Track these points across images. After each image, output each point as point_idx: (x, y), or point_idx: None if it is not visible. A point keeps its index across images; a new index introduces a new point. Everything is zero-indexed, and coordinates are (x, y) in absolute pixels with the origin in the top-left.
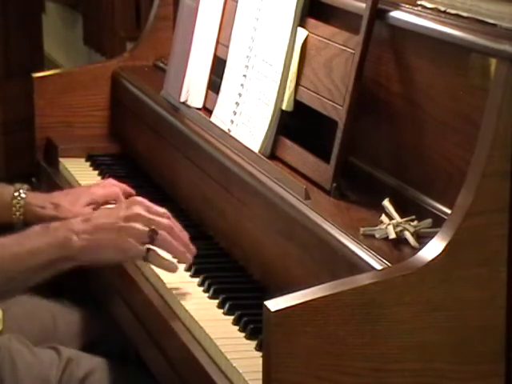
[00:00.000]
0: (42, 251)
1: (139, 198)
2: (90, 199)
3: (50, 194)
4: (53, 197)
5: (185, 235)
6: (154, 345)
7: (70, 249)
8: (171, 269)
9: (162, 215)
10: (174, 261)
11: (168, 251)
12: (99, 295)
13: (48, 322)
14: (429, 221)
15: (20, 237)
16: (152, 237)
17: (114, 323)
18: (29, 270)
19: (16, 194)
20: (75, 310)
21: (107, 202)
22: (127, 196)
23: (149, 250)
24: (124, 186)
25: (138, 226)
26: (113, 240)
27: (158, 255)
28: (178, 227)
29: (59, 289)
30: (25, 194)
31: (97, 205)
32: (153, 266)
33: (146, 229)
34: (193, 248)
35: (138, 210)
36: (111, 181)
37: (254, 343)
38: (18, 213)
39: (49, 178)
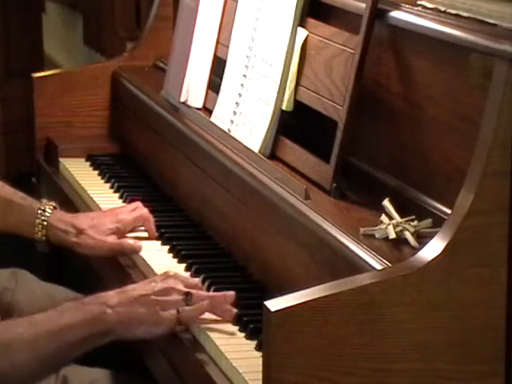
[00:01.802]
0: (77, 327)
1: (173, 272)
2: (115, 227)
3: (76, 215)
4: (78, 220)
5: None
6: (153, 346)
7: (105, 324)
8: (203, 320)
9: (195, 287)
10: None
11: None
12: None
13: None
14: (429, 221)
15: (53, 314)
16: (186, 302)
17: None
18: (64, 348)
19: (39, 212)
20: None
21: (134, 228)
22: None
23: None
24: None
25: (172, 297)
26: (148, 314)
27: (190, 313)
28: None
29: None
30: (49, 213)
31: (122, 233)
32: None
33: (180, 297)
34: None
35: (173, 282)
36: (138, 204)
37: (253, 343)
38: (40, 233)
39: (49, 178)
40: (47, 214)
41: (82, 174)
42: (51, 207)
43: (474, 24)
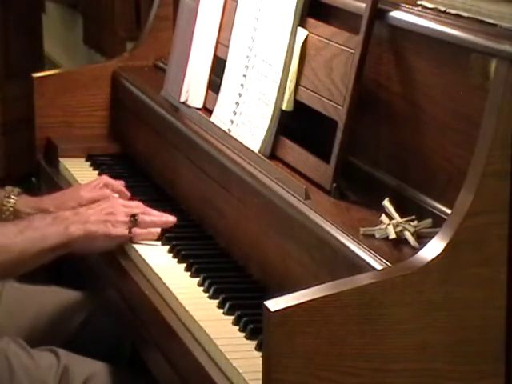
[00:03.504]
0: (48, 237)
1: (114, 198)
2: (76, 204)
3: (40, 198)
4: (42, 202)
5: (156, 212)
6: (154, 345)
7: (68, 236)
8: (153, 235)
9: (137, 207)
10: (156, 230)
11: (152, 227)
12: (98, 297)
13: (44, 321)
14: (429, 221)
15: (21, 225)
16: (134, 222)
17: (111, 323)
18: (39, 253)
19: (5, 200)
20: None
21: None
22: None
23: (130, 232)
24: (117, 187)
25: (120, 217)
26: (102, 231)
27: (140, 233)
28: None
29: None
30: (14, 199)
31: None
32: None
33: (127, 218)
34: (169, 216)
35: (117, 206)
36: (104, 178)
37: (253, 343)
38: (8, 219)
39: (49, 178)
40: (12, 200)
41: (81, 174)
42: (16, 193)
43: (474, 24)
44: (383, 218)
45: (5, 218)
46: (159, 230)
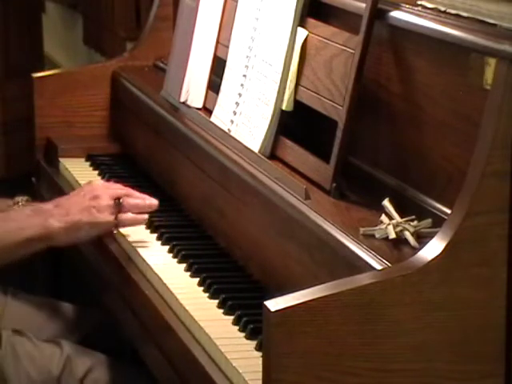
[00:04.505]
0: (25, 228)
1: (96, 181)
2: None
3: (45, 204)
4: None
5: (140, 194)
6: (154, 345)
7: (47, 228)
8: (140, 221)
9: (124, 193)
10: (143, 216)
11: (136, 210)
12: (97, 294)
13: (43, 319)
14: (429, 221)
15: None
16: (118, 205)
17: (110, 321)
18: (14, 245)
19: (15, 206)
20: (70, 306)
21: None
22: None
23: (116, 218)
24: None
25: (104, 201)
26: (86, 219)
27: (126, 218)
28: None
29: (55, 286)
30: (23, 205)
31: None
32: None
33: (112, 201)
34: (152, 199)
35: (99, 189)
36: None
37: (253, 343)
38: None
39: (49, 178)
40: (21, 205)
41: (81, 174)
42: (24, 200)
43: (473, 24)
44: (383, 218)
45: None
46: (146, 216)
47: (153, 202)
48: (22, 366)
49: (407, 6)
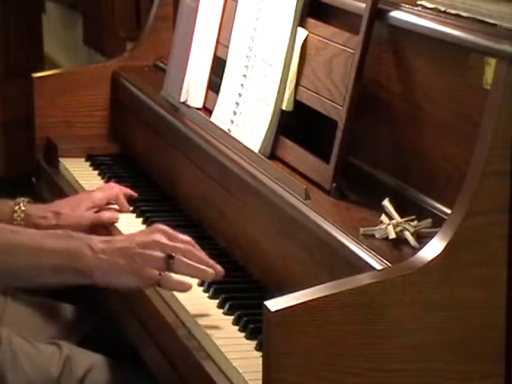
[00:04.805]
0: (54, 253)
1: (161, 226)
2: (90, 204)
3: (51, 203)
4: (53, 206)
5: (204, 255)
6: (153, 345)
7: (81, 262)
8: (184, 289)
9: (183, 242)
10: (189, 280)
11: (185, 274)
12: (97, 295)
13: (43, 320)
14: (429, 221)
15: (38, 233)
16: (168, 262)
17: (110, 321)
18: (33, 266)
19: (16, 207)
20: (70, 307)
21: (108, 204)
22: (128, 198)
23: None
24: (124, 189)
25: (155, 252)
26: (128, 265)
27: (171, 280)
28: (197, 249)
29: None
30: (25, 206)
31: (99, 208)
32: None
33: (162, 255)
34: (217, 266)
35: (157, 236)
36: (111, 184)
37: (253, 343)
38: (19, 225)
39: (49, 178)
40: (23, 207)
41: (81, 173)
42: (26, 202)
43: (473, 24)
44: (383, 218)
45: (17, 224)
46: (193, 282)
47: (210, 270)
48: (21, 367)
49: (407, 6)
